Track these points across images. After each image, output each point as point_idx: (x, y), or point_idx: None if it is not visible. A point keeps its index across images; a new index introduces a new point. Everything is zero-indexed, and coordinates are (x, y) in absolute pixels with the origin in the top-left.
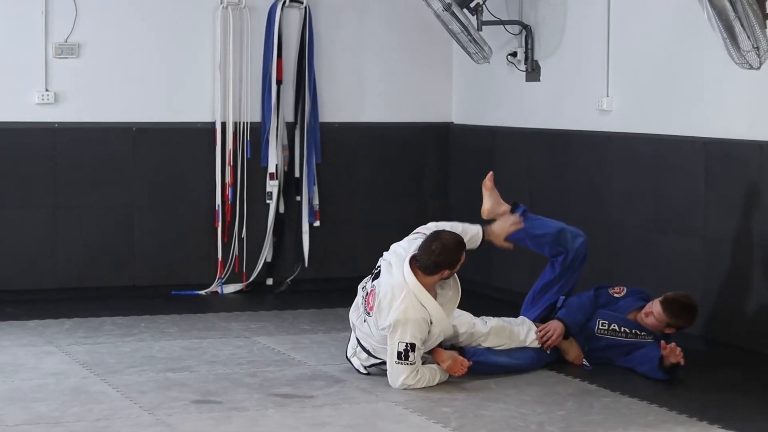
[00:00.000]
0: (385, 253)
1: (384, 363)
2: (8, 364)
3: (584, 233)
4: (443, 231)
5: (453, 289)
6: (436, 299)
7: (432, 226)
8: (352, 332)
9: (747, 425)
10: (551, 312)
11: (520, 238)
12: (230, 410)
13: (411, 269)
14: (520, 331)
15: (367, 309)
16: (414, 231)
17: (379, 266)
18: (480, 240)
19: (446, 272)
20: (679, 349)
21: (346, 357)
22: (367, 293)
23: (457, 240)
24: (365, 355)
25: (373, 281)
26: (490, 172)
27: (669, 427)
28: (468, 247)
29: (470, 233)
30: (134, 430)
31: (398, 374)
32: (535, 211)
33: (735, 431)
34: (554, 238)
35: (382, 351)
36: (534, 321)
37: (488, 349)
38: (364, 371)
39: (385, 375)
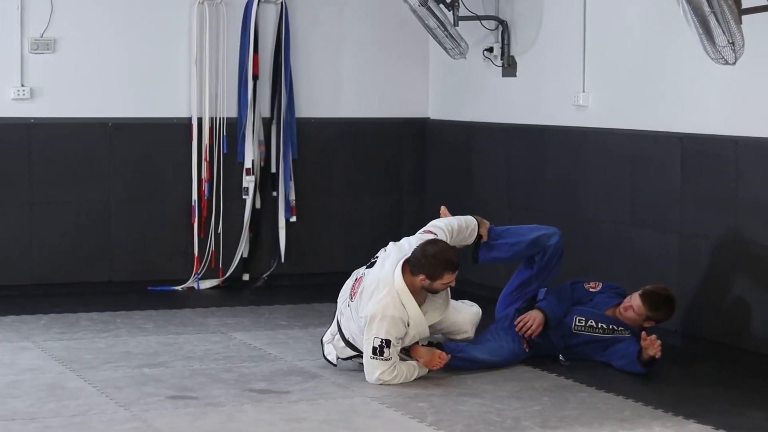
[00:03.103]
0: (391, 243)
1: (360, 356)
2: None
3: (558, 229)
4: (446, 243)
5: (443, 299)
6: (423, 303)
7: (440, 224)
8: (335, 316)
9: (722, 420)
10: (532, 303)
11: (495, 258)
12: (206, 406)
13: (402, 269)
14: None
15: (352, 293)
16: (425, 228)
17: (377, 256)
18: (476, 230)
19: (424, 279)
20: (659, 342)
21: (321, 340)
22: (356, 279)
23: (449, 258)
24: (342, 343)
25: (366, 269)
26: (443, 207)
27: (645, 422)
28: (469, 239)
29: (470, 226)
30: (110, 425)
31: (374, 369)
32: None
33: (711, 426)
34: (528, 245)
35: (361, 341)
36: (516, 311)
37: (467, 345)
38: (335, 362)
39: (361, 369)
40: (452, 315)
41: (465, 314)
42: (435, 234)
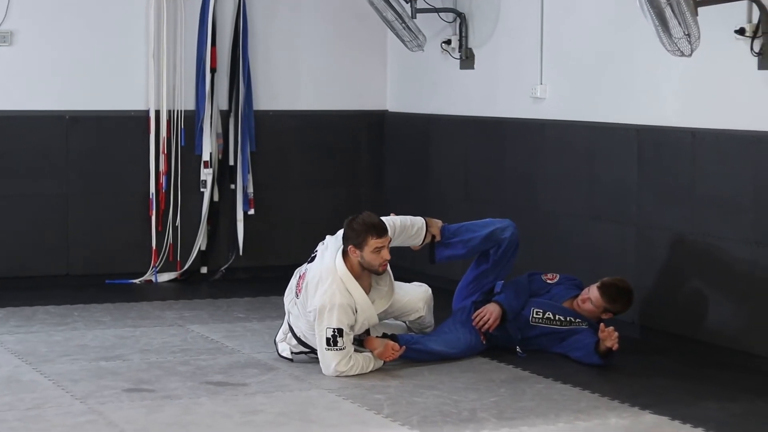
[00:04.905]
0: (327, 236)
1: (313, 352)
2: None
3: (512, 221)
4: (371, 213)
5: (388, 286)
6: (369, 291)
7: (382, 218)
8: (285, 317)
9: (678, 410)
10: (489, 295)
11: (451, 256)
12: (162, 398)
13: (343, 256)
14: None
15: (297, 291)
16: None
17: (317, 251)
18: (424, 230)
19: (354, 251)
20: (616, 333)
21: (274, 341)
22: (300, 276)
23: (372, 223)
24: (295, 341)
25: (307, 265)
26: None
27: (601, 413)
28: (416, 239)
29: (416, 225)
30: (66, 418)
31: (329, 361)
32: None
33: (666, 416)
34: (482, 240)
35: (312, 337)
36: (473, 303)
37: (423, 336)
38: (290, 356)
39: (318, 362)
40: (401, 297)
41: (414, 294)
42: None
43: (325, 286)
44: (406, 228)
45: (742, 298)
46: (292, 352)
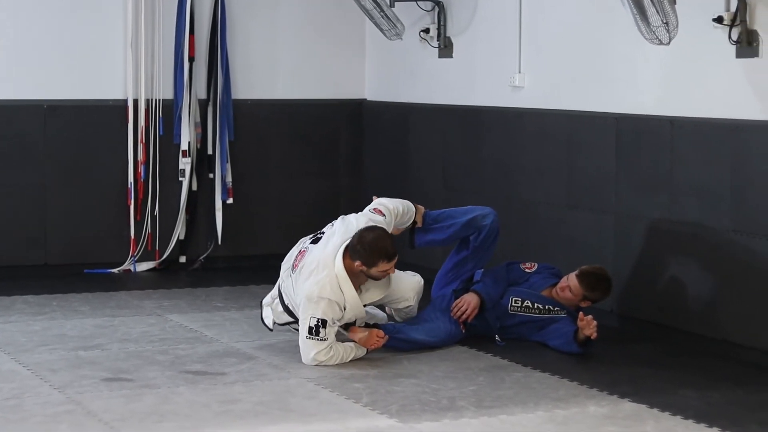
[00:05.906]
0: (341, 216)
1: (296, 323)
2: None
3: (493, 209)
4: (383, 231)
5: (384, 281)
6: (365, 281)
7: (389, 205)
8: (278, 281)
9: (656, 399)
10: (469, 284)
11: (431, 241)
12: (141, 388)
13: (344, 254)
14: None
15: (294, 265)
16: (374, 206)
17: (324, 231)
18: (414, 215)
19: (361, 265)
20: (594, 322)
21: (260, 302)
22: (300, 251)
23: (385, 247)
24: (281, 308)
25: (311, 242)
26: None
27: (580, 402)
28: (407, 224)
29: (409, 212)
30: (44, 408)
31: (309, 350)
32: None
33: (645, 404)
34: (463, 226)
35: (298, 309)
36: (453, 292)
37: (405, 326)
38: (270, 326)
39: (297, 351)
40: (393, 285)
41: (406, 283)
42: (383, 213)
43: (319, 276)
44: (403, 215)
45: (721, 287)
46: (274, 323)
